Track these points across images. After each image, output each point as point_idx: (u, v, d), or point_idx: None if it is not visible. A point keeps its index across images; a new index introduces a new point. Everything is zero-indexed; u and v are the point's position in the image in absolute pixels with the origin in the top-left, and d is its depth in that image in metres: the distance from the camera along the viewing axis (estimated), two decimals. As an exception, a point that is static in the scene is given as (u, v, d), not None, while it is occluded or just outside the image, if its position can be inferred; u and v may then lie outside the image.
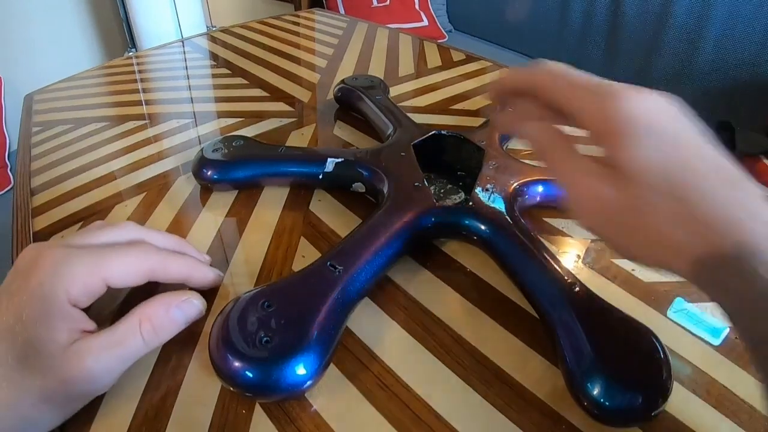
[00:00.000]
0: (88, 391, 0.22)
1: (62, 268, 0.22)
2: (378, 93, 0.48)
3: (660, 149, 0.18)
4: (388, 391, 0.24)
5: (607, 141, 0.19)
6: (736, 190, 0.18)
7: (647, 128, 0.19)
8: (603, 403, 0.21)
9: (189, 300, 0.25)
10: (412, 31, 0.91)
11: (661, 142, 0.18)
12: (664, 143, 0.18)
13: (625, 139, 0.19)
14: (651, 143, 0.18)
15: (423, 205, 0.31)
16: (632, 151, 0.19)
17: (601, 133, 0.20)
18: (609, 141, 0.19)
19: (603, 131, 0.19)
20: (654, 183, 0.18)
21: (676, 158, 0.18)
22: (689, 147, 0.19)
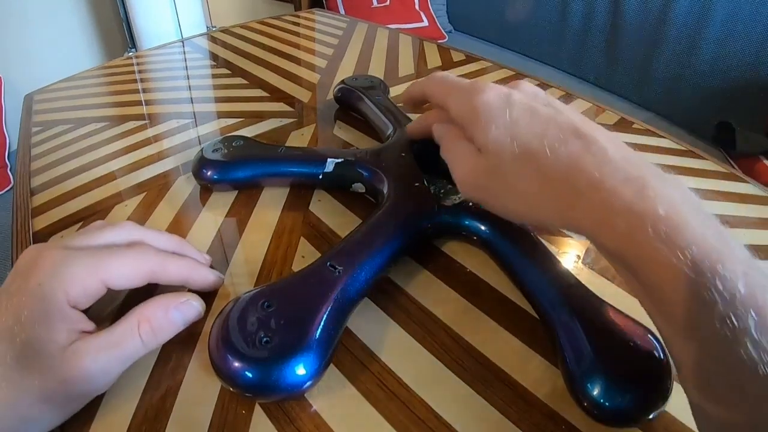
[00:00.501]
0: (86, 391, 0.22)
1: (61, 269, 0.22)
2: (378, 93, 0.48)
3: (507, 119, 0.24)
4: (387, 392, 0.24)
5: (470, 127, 0.25)
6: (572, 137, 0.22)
7: (496, 108, 0.24)
8: (603, 403, 0.21)
9: (188, 301, 0.25)
10: (412, 32, 0.91)
11: (508, 115, 0.24)
12: (510, 116, 0.24)
13: (480, 123, 0.24)
14: (498, 123, 0.24)
15: (423, 206, 0.31)
16: (486, 130, 0.24)
17: (466, 123, 0.26)
18: (471, 127, 0.25)
19: (468, 120, 0.26)
20: (505, 149, 0.23)
21: (521, 124, 0.23)
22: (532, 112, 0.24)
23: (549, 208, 0.22)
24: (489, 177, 0.24)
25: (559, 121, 0.23)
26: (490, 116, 0.24)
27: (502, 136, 0.23)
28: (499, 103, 0.24)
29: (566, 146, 0.22)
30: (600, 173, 0.20)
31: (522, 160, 0.23)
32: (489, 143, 0.24)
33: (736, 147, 1.14)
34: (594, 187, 0.20)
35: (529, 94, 0.26)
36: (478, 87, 0.26)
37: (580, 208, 0.21)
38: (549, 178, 0.22)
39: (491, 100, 0.25)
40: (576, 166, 0.21)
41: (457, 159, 0.26)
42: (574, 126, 0.22)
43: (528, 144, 0.23)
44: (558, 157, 0.22)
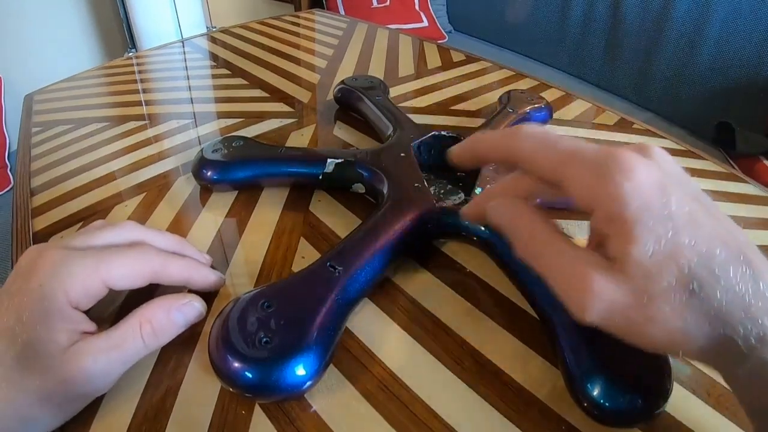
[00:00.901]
0: (87, 392, 0.22)
1: (62, 269, 0.22)
2: (378, 93, 0.48)
3: (669, 234, 0.17)
4: (387, 392, 0.24)
5: (614, 227, 0.17)
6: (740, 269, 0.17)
7: (657, 211, 0.17)
8: (603, 403, 0.21)
9: (190, 302, 0.25)
10: (412, 32, 0.91)
11: (671, 226, 0.17)
12: (673, 227, 0.17)
13: (635, 227, 0.17)
14: (658, 230, 0.17)
15: (423, 206, 0.31)
16: (639, 241, 0.17)
17: (606, 216, 0.17)
18: (617, 228, 0.17)
19: (609, 214, 0.17)
20: (661, 274, 0.17)
21: (685, 243, 0.17)
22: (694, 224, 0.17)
23: (704, 350, 0.17)
24: (632, 308, 0.17)
25: (727, 240, 0.17)
26: (648, 219, 0.17)
27: (661, 254, 0.17)
28: (657, 198, 0.17)
29: (739, 278, 0.17)
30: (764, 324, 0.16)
31: (682, 290, 0.17)
32: (642, 261, 0.17)
33: (736, 147, 1.14)
34: (761, 340, 0.16)
35: (682, 181, 0.18)
36: (619, 161, 0.17)
37: (742, 359, 0.17)
38: (712, 318, 0.17)
39: (646, 190, 0.17)
40: (746, 310, 0.16)
41: (578, 279, 0.18)
42: (741, 249, 0.17)
43: (694, 271, 0.17)
44: (725, 292, 0.16)
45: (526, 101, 0.47)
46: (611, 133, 0.50)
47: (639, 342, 0.18)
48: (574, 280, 0.18)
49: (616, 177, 0.17)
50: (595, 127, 0.52)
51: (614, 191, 0.17)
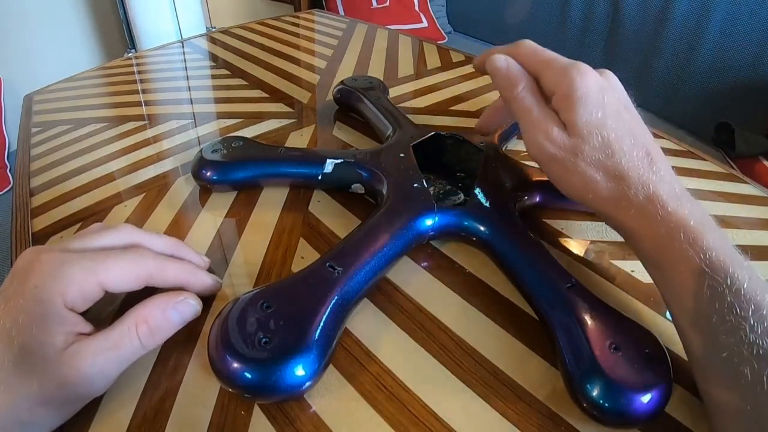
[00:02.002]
0: (85, 393, 0.22)
1: (58, 272, 0.22)
2: (377, 94, 0.48)
3: (599, 115, 0.26)
4: (387, 392, 0.24)
5: (564, 102, 0.27)
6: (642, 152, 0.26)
7: (594, 99, 0.26)
8: (602, 404, 0.21)
9: (185, 300, 0.25)
10: (412, 33, 0.91)
11: (601, 110, 0.26)
12: (603, 112, 0.26)
13: (576, 103, 0.26)
14: (593, 110, 0.26)
15: (422, 206, 0.31)
16: (581, 113, 0.26)
17: (561, 96, 0.27)
18: (565, 102, 0.27)
19: (563, 96, 0.27)
20: (590, 138, 0.26)
21: (609, 124, 0.26)
22: (618, 116, 0.27)
23: (606, 201, 0.26)
24: (567, 153, 0.27)
25: (636, 133, 0.27)
26: (587, 102, 0.26)
27: (593, 124, 0.26)
28: (597, 92, 0.27)
29: (637, 158, 0.26)
30: (654, 189, 0.25)
31: (601, 152, 0.26)
32: (580, 124, 0.26)
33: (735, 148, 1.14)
34: (648, 198, 0.25)
35: (619, 93, 0.28)
36: (579, 67, 0.27)
37: (631, 210, 0.25)
38: (616, 177, 0.26)
39: (591, 86, 0.27)
40: (640, 177, 0.25)
41: (540, 122, 0.28)
42: (646, 141, 0.27)
43: (609, 141, 0.26)
44: (629, 163, 0.26)
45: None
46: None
47: (563, 185, 0.28)
48: (540, 126, 0.28)
49: (573, 73, 0.27)
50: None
51: (570, 81, 0.27)
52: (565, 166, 0.27)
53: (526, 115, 0.29)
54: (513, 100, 0.29)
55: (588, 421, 0.23)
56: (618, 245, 0.34)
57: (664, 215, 0.24)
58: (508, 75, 0.30)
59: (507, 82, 0.30)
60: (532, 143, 0.28)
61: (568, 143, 0.27)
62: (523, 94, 0.29)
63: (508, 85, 0.30)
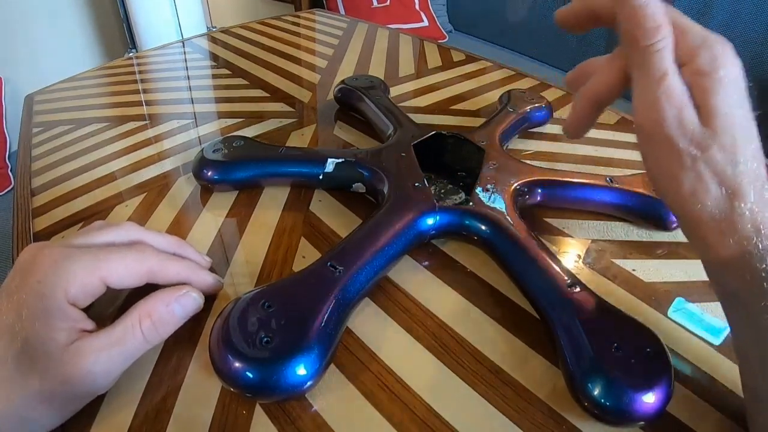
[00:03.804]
0: (88, 391, 0.22)
1: (61, 267, 0.22)
2: (378, 93, 0.48)
3: (743, 110, 0.21)
4: (388, 392, 0.24)
5: (704, 80, 0.21)
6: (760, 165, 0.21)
7: (740, 88, 0.21)
8: (603, 403, 0.21)
9: (187, 293, 0.25)
10: (413, 32, 0.91)
11: (744, 104, 0.21)
12: (745, 106, 0.21)
13: (724, 87, 0.21)
14: (738, 101, 0.21)
15: (423, 206, 0.31)
16: (726, 100, 0.21)
17: (700, 70, 0.21)
18: (706, 81, 0.21)
19: (704, 70, 0.21)
20: (724, 135, 0.20)
21: (745, 123, 0.21)
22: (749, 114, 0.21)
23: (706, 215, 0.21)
24: (692, 145, 0.21)
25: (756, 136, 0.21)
26: (734, 88, 0.21)
27: (732, 119, 0.21)
28: (741, 80, 0.21)
29: (755, 173, 0.21)
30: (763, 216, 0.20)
31: (727, 157, 0.21)
32: (721, 114, 0.21)
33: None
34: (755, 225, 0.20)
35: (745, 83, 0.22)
36: (725, 42, 0.21)
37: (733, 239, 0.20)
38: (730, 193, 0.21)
39: (737, 70, 0.21)
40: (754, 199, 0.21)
41: (675, 93, 0.21)
42: (763, 159, 0.21)
43: (737, 145, 0.21)
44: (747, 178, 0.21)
45: (526, 101, 0.47)
46: (612, 132, 0.50)
47: (666, 183, 0.22)
48: (675, 99, 0.21)
49: (719, 47, 0.21)
50: (596, 126, 0.51)
51: (716, 55, 0.21)
52: (681, 160, 0.21)
53: (659, 79, 0.21)
54: (647, 52, 0.21)
55: (589, 419, 0.23)
56: (619, 244, 0.34)
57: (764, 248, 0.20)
58: (649, 10, 0.21)
59: (647, 20, 0.21)
60: (653, 114, 0.21)
61: (698, 133, 0.21)
62: (662, 47, 0.21)
63: (646, 26, 0.21)
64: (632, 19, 0.22)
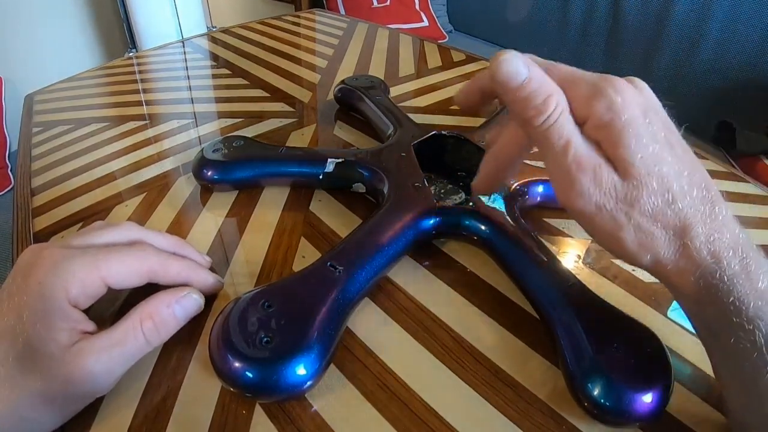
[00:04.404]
0: (89, 392, 0.22)
1: (62, 267, 0.22)
2: (378, 93, 0.48)
3: (656, 148, 0.20)
4: (388, 392, 0.24)
5: (607, 132, 0.20)
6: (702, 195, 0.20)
7: (643, 126, 0.20)
8: (603, 403, 0.21)
9: (188, 295, 0.25)
10: (413, 32, 0.91)
11: (655, 141, 0.20)
12: (657, 143, 0.20)
13: (626, 134, 0.19)
14: (648, 142, 0.20)
15: (423, 206, 0.31)
16: (635, 147, 0.19)
17: (600, 123, 0.20)
18: (609, 133, 0.20)
19: (603, 122, 0.20)
20: (649, 180, 0.20)
21: (666, 158, 0.20)
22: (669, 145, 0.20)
23: (660, 261, 0.20)
24: (620, 202, 0.20)
25: (692, 168, 0.20)
26: (638, 131, 0.20)
27: (650, 161, 0.20)
28: (643, 116, 0.20)
29: (699, 200, 0.20)
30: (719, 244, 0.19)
31: (660, 198, 0.20)
32: (637, 163, 0.19)
33: (736, 147, 1.14)
34: (714, 257, 0.19)
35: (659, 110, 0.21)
36: (614, 83, 0.20)
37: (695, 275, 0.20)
38: (678, 231, 0.20)
39: (635, 109, 0.20)
40: (705, 229, 0.20)
41: (584, 160, 0.20)
42: (702, 175, 0.21)
43: (669, 183, 0.20)
44: (690, 209, 0.20)
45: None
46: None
47: (612, 245, 0.21)
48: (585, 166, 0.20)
49: (610, 91, 0.20)
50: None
51: (609, 102, 0.20)
52: (616, 221, 0.20)
53: (564, 151, 0.20)
54: (543, 130, 0.20)
55: (589, 420, 0.23)
56: (619, 244, 0.34)
57: (730, 278, 0.19)
58: (532, 87, 0.20)
59: (532, 98, 0.20)
60: (574, 191, 0.20)
61: (621, 189, 0.20)
62: (557, 118, 0.20)
63: (535, 104, 0.20)
64: (518, 103, 0.21)
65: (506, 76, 0.21)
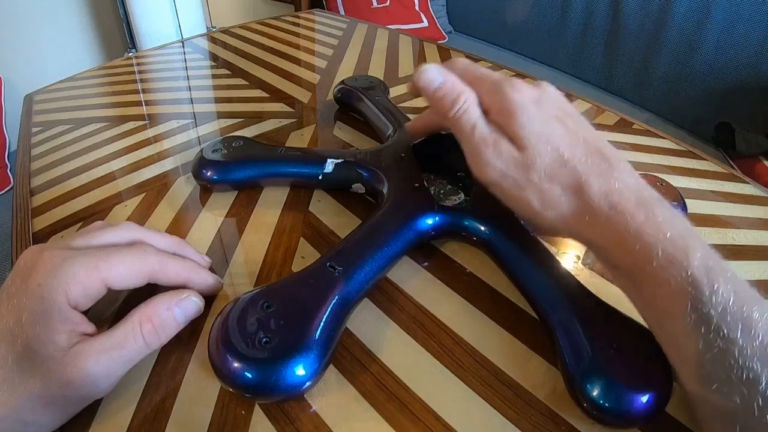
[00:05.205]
0: (88, 394, 0.22)
1: (62, 269, 0.22)
2: (378, 94, 0.48)
3: (542, 123, 0.25)
4: (387, 392, 0.24)
5: (503, 116, 0.25)
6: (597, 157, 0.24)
7: (532, 109, 0.25)
8: (602, 404, 0.21)
9: (188, 297, 0.25)
10: (412, 32, 0.91)
11: (542, 119, 0.25)
12: (544, 120, 0.25)
13: (517, 114, 0.25)
14: (535, 119, 0.25)
15: (423, 206, 0.31)
16: (523, 122, 0.25)
17: (498, 110, 0.26)
18: (505, 116, 0.25)
19: (500, 109, 0.26)
20: (539, 147, 0.24)
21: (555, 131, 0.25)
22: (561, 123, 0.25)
23: (565, 216, 0.24)
24: (519, 168, 0.25)
25: (587, 135, 0.25)
26: (526, 111, 0.25)
27: (538, 133, 0.25)
28: (533, 103, 0.25)
29: (593, 164, 0.24)
30: (619, 197, 0.23)
31: (554, 162, 0.24)
32: (525, 134, 0.25)
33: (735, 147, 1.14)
34: (614, 208, 0.23)
35: (558, 100, 0.27)
36: (511, 81, 0.26)
37: (598, 224, 0.23)
38: (575, 188, 0.24)
39: (525, 98, 0.25)
40: (601, 185, 0.23)
41: (487, 137, 0.26)
42: (599, 148, 0.25)
43: (559, 150, 0.24)
44: (586, 170, 0.24)
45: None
46: (611, 133, 0.50)
47: (520, 206, 0.26)
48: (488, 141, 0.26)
49: (506, 86, 0.26)
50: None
51: (504, 94, 0.26)
52: (518, 184, 0.25)
53: (472, 132, 0.26)
54: (455, 118, 0.27)
55: (588, 421, 0.23)
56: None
57: (635, 227, 0.22)
58: (445, 89, 0.27)
59: (445, 98, 0.27)
60: (482, 162, 0.26)
61: (519, 157, 0.25)
62: (466, 108, 0.26)
63: (448, 100, 0.27)
64: (435, 101, 0.27)
65: (425, 83, 0.27)
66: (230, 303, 0.24)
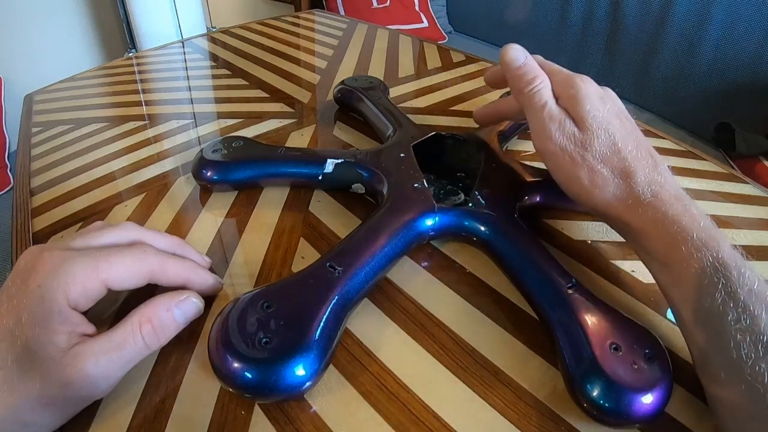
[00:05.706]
0: (88, 395, 0.22)
1: (61, 270, 0.22)
2: (378, 94, 0.48)
3: (604, 114, 0.28)
4: (387, 392, 0.24)
5: (571, 101, 0.29)
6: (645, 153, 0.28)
7: (597, 101, 0.29)
8: (602, 404, 0.21)
9: (188, 298, 0.25)
10: (412, 33, 0.91)
11: (604, 111, 0.28)
12: (606, 113, 0.28)
13: (584, 100, 0.28)
14: (599, 107, 0.28)
15: (423, 206, 0.31)
16: (588, 108, 0.28)
17: (567, 96, 0.29)
18: (572, 101, 0.29)
19: (569, 95, 0.29)
20: (599, 132, 0.28)
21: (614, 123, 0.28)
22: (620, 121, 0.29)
23: (612, 199, 0.27)
24: (577, 145, 0.28)
25: (639, 136, 0.29)
26: (592, 100, 0.28)
27: (600, 120, 0.28)
28: (598, 97, 0.29)
29: (642, 158, 0.27)
30: (660, 188, 0.26)
31: (608, 148, 0.27)
32: (589, 119, 0.28)
33: (735, 148, 1.14)
34: (655, 196, 0.26)
35: (618, 104, 0.30)
36: (582, 76, 0.30)
37: (639, 208, 0.26)
38: (623, 174, 0.27)
39: (592, 91, 0.29)
40: (647, 176, 0.26)
41: (555, 114, 0.29)
42: (649, 146, 0.28)
43: (615, 140, 0.27)
44: (635, 162, 0.27)
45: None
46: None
47: (569, 180, 0.29)
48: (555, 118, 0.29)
49: (577, 79, 0.30)
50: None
51: (574, 83, 0.29)
52: (573, 159, 0.28)
53: (542, 108, 0.29)
54: (529, 94, 0.30)
55: (588, 421, 0.23)
56: (618, 245, 0.34)
57: (674, 214, 0.24)
58: (526, 68, 0.31)
59: (525, 75, 0.30)
60: (545, 135, 0.29)
61: (579, 136, 0.28)
62: (540, 88, 0.30)
63: (526, 78, 0.30)
64: (515, 79, 0.31)
65: (509, 59, 0.31)
66: (230, 303, 0.24)
